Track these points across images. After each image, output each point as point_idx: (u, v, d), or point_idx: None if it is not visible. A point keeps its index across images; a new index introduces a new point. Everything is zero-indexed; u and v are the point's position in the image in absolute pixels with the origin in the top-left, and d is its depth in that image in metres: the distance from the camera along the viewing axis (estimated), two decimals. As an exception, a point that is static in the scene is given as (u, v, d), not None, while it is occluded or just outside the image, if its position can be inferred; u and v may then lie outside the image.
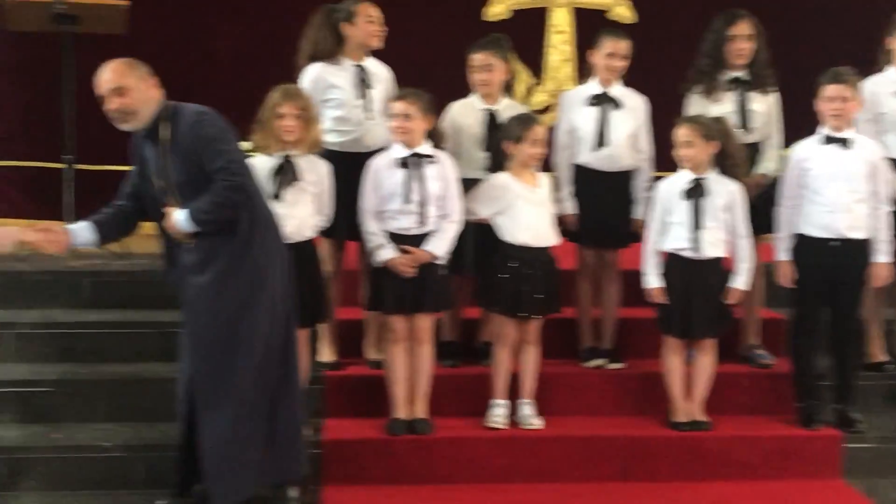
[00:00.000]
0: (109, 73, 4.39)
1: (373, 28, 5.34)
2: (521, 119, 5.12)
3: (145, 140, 4.41)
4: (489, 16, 7.48)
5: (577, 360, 5.47)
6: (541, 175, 5.16)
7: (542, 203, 5.10)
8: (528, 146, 5.02)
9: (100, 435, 5.04)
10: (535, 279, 5.02)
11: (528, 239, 5.04)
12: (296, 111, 4.85)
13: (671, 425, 5.13)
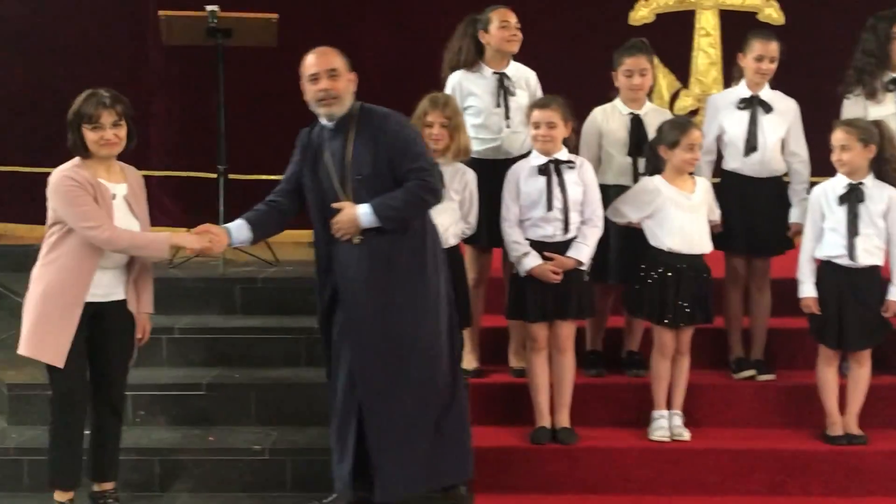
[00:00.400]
0: (329, 55, 4.58)
1: (507, 34, 5.33)
2: (678, 123, 5.04)
3: (332, 133, 4.47)
4: (634, 20, 7.40)
5: (727, 371, 5.34)
6: (698, 180, 5.06)
7: (695, 209, 4.99)
8: (684, 151, 4.94)
9: (251, 438, 5.17)
10: (683, 287, 4.93)
11: (678, 245, 4.95)
12: (442, 119, 4.89)
13: (825, 439, 4.97)
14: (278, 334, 5.72)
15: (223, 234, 4.59)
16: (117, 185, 4.50)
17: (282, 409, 5.36)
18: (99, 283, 4.45)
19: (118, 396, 4.66)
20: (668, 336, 4.98)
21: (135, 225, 4.50)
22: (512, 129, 5.32)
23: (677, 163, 4.96)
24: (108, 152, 4.45)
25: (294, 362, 5.66)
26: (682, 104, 7.42)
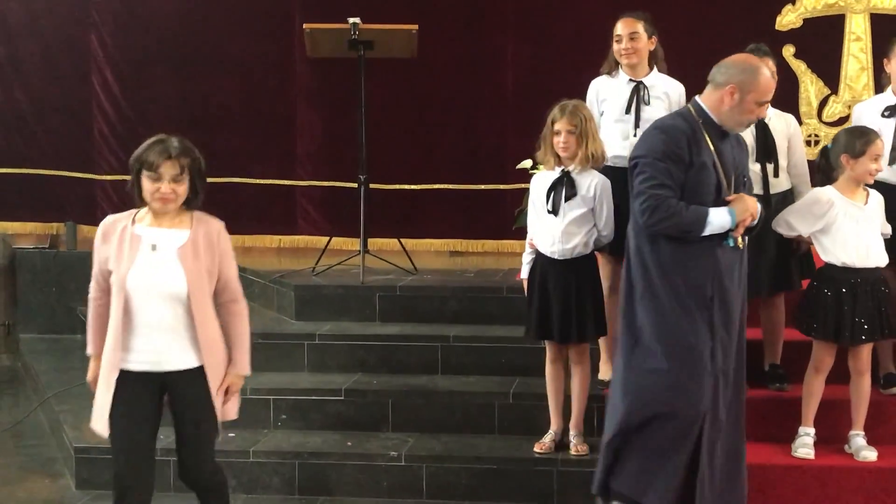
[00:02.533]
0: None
1: (618, 47, 5.27)
2: (860, 132, 4.85)
3: (724, 136, 4.38)
4: (781, 25, 7.23)
5: (876, 386, 5.15)
6: (871, 191, 4.88)
7: (869, 220, 4.80)
8: (870, 160, 4.77)
9: (388, 444, 5.24)
10: (859, 302, 4.75)
11: (852, 259, 4.78)
12: (570, 127, 4.88)
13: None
14: (416, 342, 5.78)
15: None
16: (172, 235, 3.92)
17: (418, 416, 5.41)
18: (146, 347, 3.87)
19: (206, 476, 4.04)
20: (828, 352, 4.82)
21: (177, 278, 3.86)
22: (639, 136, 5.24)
23: (860, 172, 4.76)
24: (160, 207, 3.88)
25: (431, 370, 5.72)
26: (832, 111, 7.22)
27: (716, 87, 4.30)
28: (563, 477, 4.95)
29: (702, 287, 4.23)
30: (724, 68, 4.31)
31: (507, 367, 5.63)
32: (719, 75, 4.30)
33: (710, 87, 4.33)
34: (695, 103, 4.36)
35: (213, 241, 3.98)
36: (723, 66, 4.32)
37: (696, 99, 4.36)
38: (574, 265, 4.94)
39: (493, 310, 6.00)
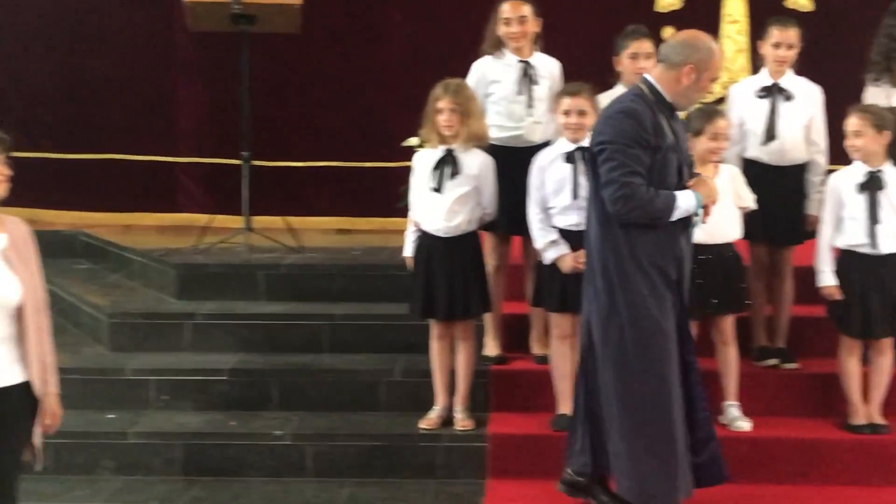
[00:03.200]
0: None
1: (507, 30, 5.29)
2: (704, 112, 4.98)
3: (672, 116, 4.36)
4: (661, 7, 7.35)
5: (750, 359, 5.31)
6: (723, 168, 5.01)
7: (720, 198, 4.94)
8: (708, 140, 4.90)
9: (272, 423, 5.19)
10: (710, 277, 4.89)
11: (700, 236, 4.90)
12: (452, 105, 4.90)
13: (848, 428, 4.94)
14: (301, 320, 5.74)
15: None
16: None
17: (304, 395, 5.38)
18: None
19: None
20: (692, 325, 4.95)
21: (12, 285, 3.50)
22: (534, 118, 5.30)
23: (701, 152, 4.92)
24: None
25: (317, 348, 5.68)
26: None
27: (671, 67, 4.23)
28: (449, 452, 4.99)
29: (669, 272, 4.25)
30: (678, 48, 4.25)
31: (393, 344, 5.63)
32: (674, 55, 4.24)
33: (663, 67, 4.26)
34: (647, 83, 4.28)
35: (26, 240, 3.60)
36: (676, 45, 4.27)
37: (648, 79, 4.29)
38: (459, 243, 4.98)
39: (380, 287, 5.99)
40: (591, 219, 4.33)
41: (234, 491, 4.90)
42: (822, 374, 5.13)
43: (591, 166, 4.31)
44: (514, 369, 5.35)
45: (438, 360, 5.11)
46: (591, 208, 4.35)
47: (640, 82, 4.32)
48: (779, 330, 5.34)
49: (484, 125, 5.03)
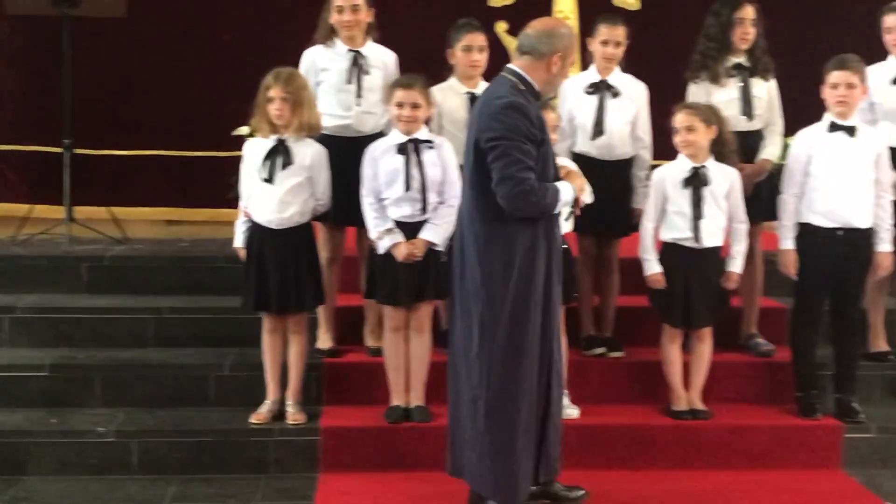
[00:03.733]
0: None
1: (339, 18, 5.26)
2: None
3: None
4: (494, 2, 7.43)
5: (578, 348, 5.43)
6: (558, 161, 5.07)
7: None
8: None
9: (95, 420, 5.03)
10: None
11: None
12: (284, 94, 4.83)
13: (670, 413, 5.10)
14: (126, 314, 5.58)
15: None
16: None
17: (129, 391, 5.23)
18: None
19: None
20: None
21: None
22: (364, 108, 5.27)
23: None
24: None
25: (143, 342, 5.54)
26: (541, 86, 7.47)
27: (538, 57, 4.21)
28: (280, 446, 4.92)
29: (551, 266, 4.27)
30: (543, 37, 4.23)
31: (222, 338, 5.53)
32: (541, 45, 4.22)
33: (530, 58, 4.23)
34: (517, 75, 4.23)
35: None
36: (540, 35, 4.25)
37: (517, 70, 4.24)
38: (292, 234, 4.92)
39: (209, 280, 5.87)
40: (471, 215, 4.25)
41: (56, 490, 4.72)
42: (646, 362, 5.29)
43: (475, 163, 4.19)
44: (348, 362, 5.33)
45: (270, 354, 5.04)
46: (468, 204, 4.27)
47: (509, 74, 4.26)
48: (605, 320, 5.48)
49: (316, 115, 4.99)
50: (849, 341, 5.16)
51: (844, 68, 4.98)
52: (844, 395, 5.16)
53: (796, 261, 5.08)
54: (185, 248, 6.38)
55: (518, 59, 4.30)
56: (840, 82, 4.97)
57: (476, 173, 4.20)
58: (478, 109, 4.29)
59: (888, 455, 5.07)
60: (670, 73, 5.78)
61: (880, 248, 5.06)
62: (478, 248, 4.22)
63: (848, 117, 5.02)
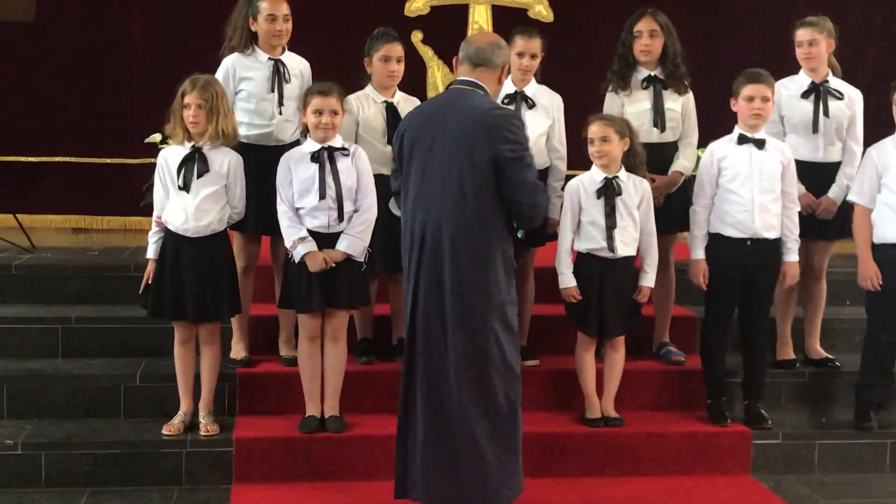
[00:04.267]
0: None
1: (271, 27, 5.23)
2: None
3: None
4: (409, 11, 7.45)
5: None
6: None
7: None
8: None
9: (2, 432, 4.90)
10: None
11: None
12: (200, 101, 4.78)
13: (584, 421, 5.15)
14: (34, 324, 5.47)
15: None
16: None
17: (37, 402, 5.12)
18: None
19: None
20: None
21: None
22: (284, 116, 5.25)
23: None
24: None
25: (51, 353, 5.44)
26: (456, 96, 7.51)
27: (492, 69, 4.35)
28: (193, 458, 4.85)
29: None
30: (495, 50, 4.37)
31: (134, 348, 5.46)
32: (494, 57, 4.36)
33: (484, 70, 4.35)
34: (479, 86, 4.34)
35: None
36: (493, 46, 4.38)
37: (477, 82, 4.34)
38: (207, 243, 4.87)
39: (120, 289, 5.78)
40: (473, 233, 4.25)
41: (-42, 506, 4.60)
42: (560, 371, 5.34)
43: (486, 181, 4.23)
44: (262, 372, 5.28)
45: (183, 365, 4.97)
46: (473, 221, 4.24)
47: (471, 86, 4.35)
48: (520, 328, 5.49)
49: (233, 123, 4.94)
50: (757, 349, 5.27)
51: (760, 82, 5.09)
52: (753, 401, 5.27)
53: (706, 270, 5.18)
54: (95, 256, 6.27)
55: (473, 72, 4.37)
56: (756, 95, 5.08)
57: (488, 189, 4.24)
58: (464, 124, 4.26)
59: (794, 460, 5.20)
60: (584, 85, 5.87)
61: (788, 258, 5.18)
62: (486, 264, 4.26)
63: (759, 130, 5.14)
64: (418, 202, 4.29)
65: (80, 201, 7.35)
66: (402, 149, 4.38)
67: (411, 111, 4.63)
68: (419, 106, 4.71)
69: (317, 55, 5.49)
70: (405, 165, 4.37)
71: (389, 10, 7.28)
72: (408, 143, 4.35)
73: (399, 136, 4.43)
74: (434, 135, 4.29)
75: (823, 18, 5.54)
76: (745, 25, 7.57)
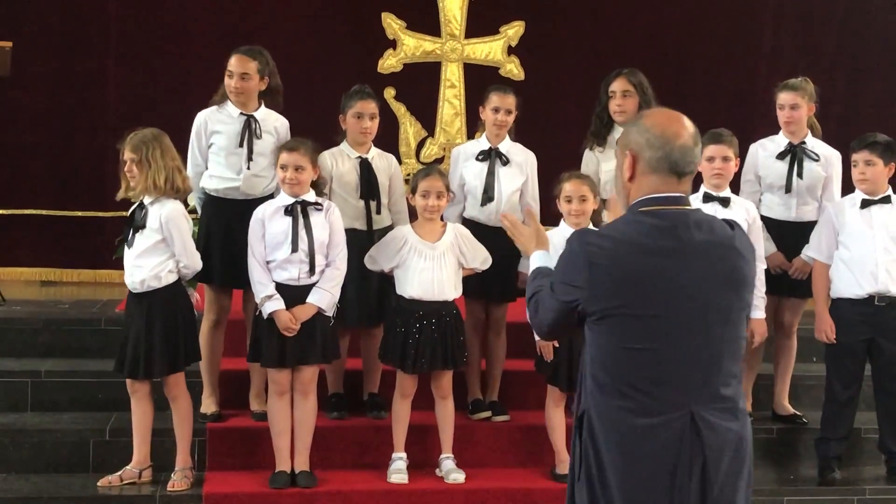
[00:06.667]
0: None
1: (228, 83, 5.26)
2: (422, 170, 5.18)
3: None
4: (382, 69, 7.53)
5: (466, 413, 5.46)
6: (449, 227, 5.14)
7: (438, 258, 5.05)
8: (420, 197, 5.04)
9: (-32, 488, 4.86)
10: (427, 333, 5.00)
11: (418, 293, 5.02)
12: (132, 156, 4.82)
13: (554, 477, 5.16)
14: (2, 377, 5.43)
15: None
16: None
17: (5, 457, 5.08)
18: None
19: None
20: (409, 380, 5.05)
21: None
22: (253, 171, 5.26)
23: (418, 209, 5.08)
24: None
25: (20, 407, 5.39)
26: (428, 152, 7.59)
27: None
28: (162, 513, 4.82)
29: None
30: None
31: (104, 402, 5.42)
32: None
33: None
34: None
35: None
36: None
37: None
38: (148, 299, 4.85)
39: (90, 343, 5.76)
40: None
41: (-78, 563, 4.53)
42: (531, 426, 5.35)
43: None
44: (232, 427, 5.26)
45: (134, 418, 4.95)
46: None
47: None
48: (491, 384, 5.53)
49: (175, 176, 4.87)
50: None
51: (720, 142, 5.19)
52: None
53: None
54: (66, 309, 6.25)
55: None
56: (716, 156, 5.18)
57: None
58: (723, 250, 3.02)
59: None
60: (555, 142, 5.95)
61: (755, 315, 5.23)
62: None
63: (723, 189, 5.23)
64: None
65: (51, 254, 7.31)
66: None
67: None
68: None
69: (291, 112, 5.52)
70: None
71: (363, 66, 7.36)
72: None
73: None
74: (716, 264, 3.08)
75: (805, 81, 5.64)
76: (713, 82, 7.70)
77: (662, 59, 7.42)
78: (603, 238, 2.97)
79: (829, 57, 7.75)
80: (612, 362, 2.92)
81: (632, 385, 2.89)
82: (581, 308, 2.94)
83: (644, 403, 2.88)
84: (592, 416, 2.94)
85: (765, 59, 7.64)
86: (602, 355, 2.94)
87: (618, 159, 3.07)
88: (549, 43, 7.63)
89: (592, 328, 2.95)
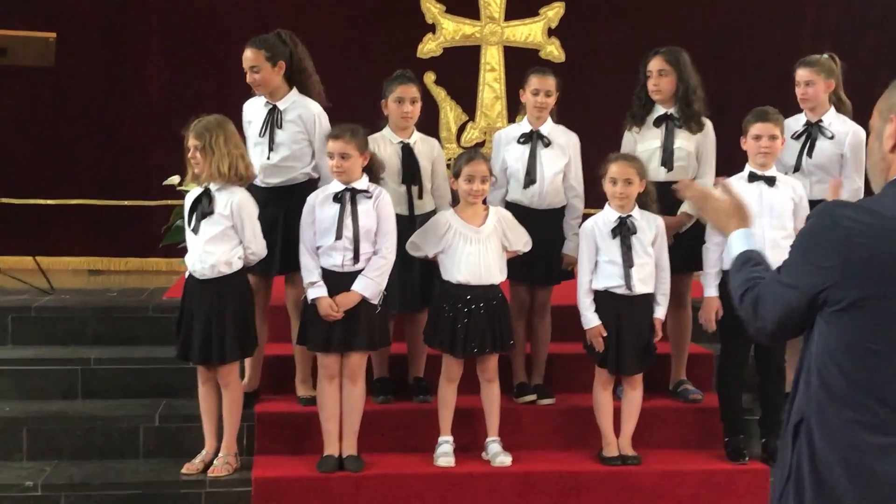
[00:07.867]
0: None
1: (248, 77, 5.25)
2: (465, 154, 5.13)
3: None
4: (422, 53, 7.53)
5: (510, 396, 5.47)
6: (492, 211, 5.13)
7: (483, 241, 5.05)
8: (464, 182, 5.03)
9: (22, 474, 4.93)
10: (475, 317, 4.99)
11: (465, 277, 5.02)
12: (195, 143, 4.84)
13: (601, 460, 5.15)
14: (53, 365, 5.49)
15: None
16: None
17: (56, 444, 5.14)
18: None
19: None
20: (455, 364, 5.06)
21: None
22: (273, 161, 5.23)
23: (461, 194, 5.07)
24: None
25: (70, 394, 5.45)
26: (469, 136, 7.60)
27: None
28: (212, 498, 4.87)
29: None
30: None
31: (153, 388, 5.47)
32: None
33: None
34: None
35: None
36: None
37: None
38: (216, 285, 4.88)
39: (138, 330, 5.82)
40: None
41: (-21, 548, 4.62)
42: (577, 409, 5.34)
43: None
44: (280, 412, 5.28)
45: (204, 405, 5.00)
46: None
47: None
48: (536, 367, 5.53)
49: (240, 162, 4.90)
50: (773, 386, 5.26)
51: (767, 120, 5.13)
52: (770, 439, 5.25)
53: (720, 308, 5.18)
54: (114, 297, 6.31)
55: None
56: (763, 134, 5.12)
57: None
58: None
59: (813, 497, 5.17)
60: (596, 124, 5.91)
61: None
62: None
63: (769, 168, 5.18)
64: None
65: (99, 243, 7.41)
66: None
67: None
68: None
69: (333, 100, 5.53)
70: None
71: (403, 52, 7.35)
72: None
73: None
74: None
75: (826, 57, 5.56)
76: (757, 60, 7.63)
77: (703, 37, 7.37)
78: (863, 213, 2.45)
79: (873, 34, 7.65)
80: (851, 364, 2.45)
81: (873, 394, 2.43)
82: (825, 296, 2.46)
83: (884, 419, 2.42)
84: (813, 426, 2.49)
85: (808, 36, 7.56)
86: (839, 354, 2.46)
87: (875, 127, 2.58)
88: (589, 24, 7.61)
89: (830, 320, 2.47)
